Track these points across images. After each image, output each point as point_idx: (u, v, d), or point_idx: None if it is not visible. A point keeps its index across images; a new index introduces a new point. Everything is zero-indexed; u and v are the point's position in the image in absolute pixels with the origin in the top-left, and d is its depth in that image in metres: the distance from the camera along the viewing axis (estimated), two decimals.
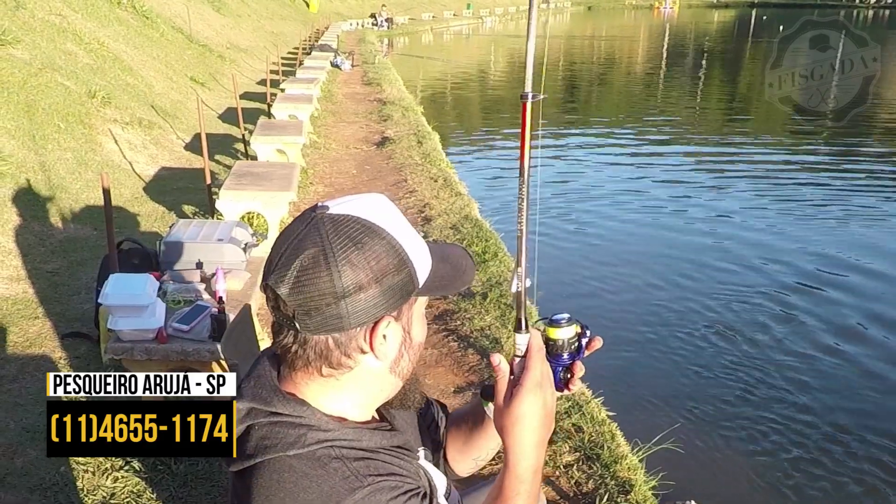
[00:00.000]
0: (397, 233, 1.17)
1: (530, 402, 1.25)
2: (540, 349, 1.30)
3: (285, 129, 9.57)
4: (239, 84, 11.92)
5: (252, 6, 29.92)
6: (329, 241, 1.12)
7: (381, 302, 1.15)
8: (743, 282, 7.60)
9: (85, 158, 8.31)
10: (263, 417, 1.18)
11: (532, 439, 1.26)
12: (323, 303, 1.12)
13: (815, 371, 5.88)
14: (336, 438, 1.17)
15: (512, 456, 1.27)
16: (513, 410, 1.26)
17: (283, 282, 1.12)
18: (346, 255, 1.11)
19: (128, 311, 3.51)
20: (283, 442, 1.15)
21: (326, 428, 1.17)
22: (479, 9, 63.13)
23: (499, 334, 5.21)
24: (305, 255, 1.12)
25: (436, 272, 1.24)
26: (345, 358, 1.18)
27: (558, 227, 9.22)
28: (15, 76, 8.71)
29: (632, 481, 3.77)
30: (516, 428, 1.26)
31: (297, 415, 1.17)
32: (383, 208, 1.20)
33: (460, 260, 1.32)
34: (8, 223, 6.29)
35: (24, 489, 3.43)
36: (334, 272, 1.10)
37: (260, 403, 1.19)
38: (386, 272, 1.14)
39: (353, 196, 1.21)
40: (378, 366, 1.22)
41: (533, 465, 1.27)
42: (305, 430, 1.16)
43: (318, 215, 1.16)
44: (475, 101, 22.92)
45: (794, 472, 4.68)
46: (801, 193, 11.29)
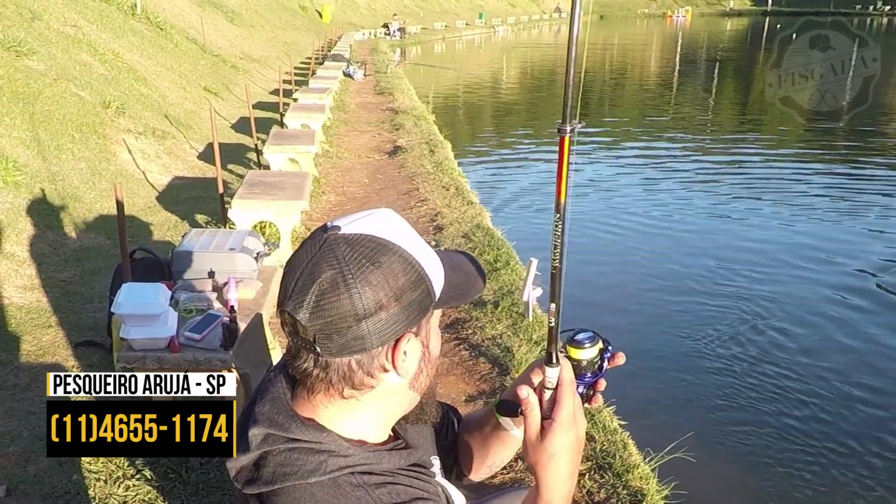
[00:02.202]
0: (411, 248, 1.16)
1: (564, 437, 1.25)
2: (571, 383, 1.29)
3: (298, 139, 9.61)
4: (252, 94, 11.98)
5: (265, 16, 30.08)
6: (346, 263, 1.10)
7: (402, 319, 1.14)
8: (759, 291, 7.55)
9: (99, 168, 8.36)
10: (281, 444, 1.17)
11: (566, 472, 1.26)
12: (344, 325, 1.10)
13: (833, 382, 5.80)
14: (356, 464, 1.16)
15: (545, 490, 1.27)
16: (547, 447, 1.26)
17: (302, 307, 1.11)
18: (365, 276, 1.10)
19: (140, 319, 3.53)
20: (302, 469, 1.13)
21: (346, 453, 1.16)
22: (491, 18, 63.25)
23: (510, 343, 5.20)
24: (323, 278, 1.10)
25: (450, 282, 1.23)
26: (367, 378, 1.17)
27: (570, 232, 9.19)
28: (30, 87, 8.78)
29: (644, 490, 3.75)
30: (551, 463, 1.26)
31: (317, 441, 1.16)
32: (394, 224, 1.19)
33: (468, 267, 1.32)
34: (22, 232, 6.34)
35: (37, 497, 3.44)
36: (354, 294, 1.09)
37: (277, 430, 1.17)
38: (405, 289, 1.13)
39: (363, 213, 1.19)
40: (399, 382, 1.21)
41: (566, 495, 1.27)
42: (326, 456, 1.15)
43: (331, 236, 1.14)
44: (487, 110, 22.95)
45: (808, 485, 4.64)
46: (813, 198, 11.26)
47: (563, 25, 73.01)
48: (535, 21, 74.21)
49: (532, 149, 16.02)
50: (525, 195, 11.68)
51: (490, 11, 65.72)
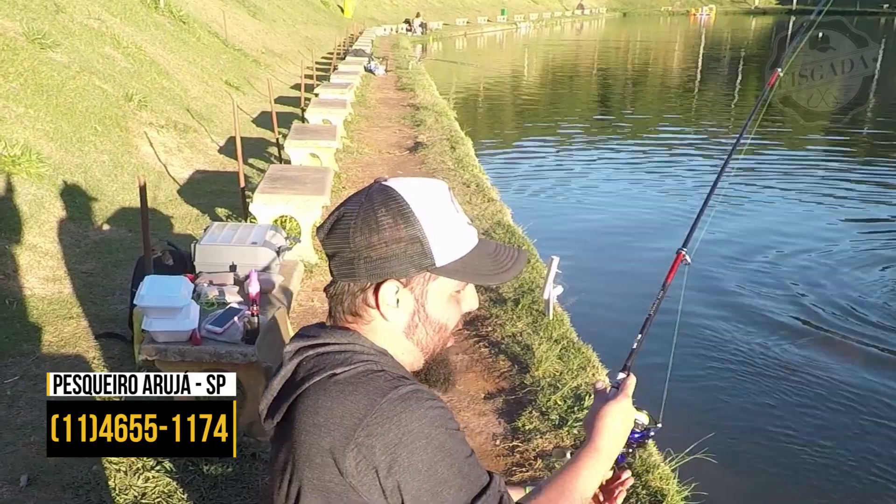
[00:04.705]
0: (426, 213, 1.28)
1: (620, 405, 1.50)
2: (632, 385, 1.57)
3: (319, 134, 9.61)
4: (273, 88, 11.99)
5: (287, 11, 30.13)
6: (365, 204, 1.28)
7: (387, 264, 1.27)
8: (783, 291, 7.49)
9: (121, 161, 8.40)
10: (311, 351, 1.29)
11: (613, 427, 1.47)
12: (344, 250, 1.28)
13: (864, 390, 5.71)
14: (380, 361, 1.27)
15: (596, 434, 1.45)
16: (605, 408, 1.49)
17: (323, 228, 1.32)
18: (370, 217, 1.26)
19: (163, 312, 3.53)
20: (330, 364, 1.25)
21: (370, 352, 1.29)
22: (513, 14, 63.06)
23: (530, 341, 5.18)
24: (344, 209, 1.30)
25: (469, 262, 1.33)
26: (359, 308, 1.32)
27: (585, 225, 9.16)
28: (54, 79, 8.83)
29: (664, 491, 3.73)
30: (605, 419, 1.47)
31: (346, 341, 1.29)
32: (426, 192, 1.31)
33: (509, 263, 1.40)
34: (45, 224, 6.37)
35: (57, 487, 3.46)
36: (354, 227, 1.27)
37: (307, 341, 1.31)
38: (398, 240, 1.26)
39: (415, 178, 1.34)
40: (389, 326, 1.32)
41: (608, 446, 1.45)
42: (351, 354, 1.27)
43: (376, 184, 1.32)
44: (508, 107, 22.90)
45: (830, 489, 4.59)
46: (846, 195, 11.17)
47: (585, 22, 72.82)
48: (557, 18, 73.87)
49: (553, 146, 15.98)
50: (546, 193, 11.64)
51: (512, 8, 65.44)
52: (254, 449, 3.76)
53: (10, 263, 5.66)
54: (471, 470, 1.21)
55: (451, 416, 1.24)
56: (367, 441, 1.15)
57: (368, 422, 1.16)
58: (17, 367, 4.48)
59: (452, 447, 1.20)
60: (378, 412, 1.16)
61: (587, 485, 1.38)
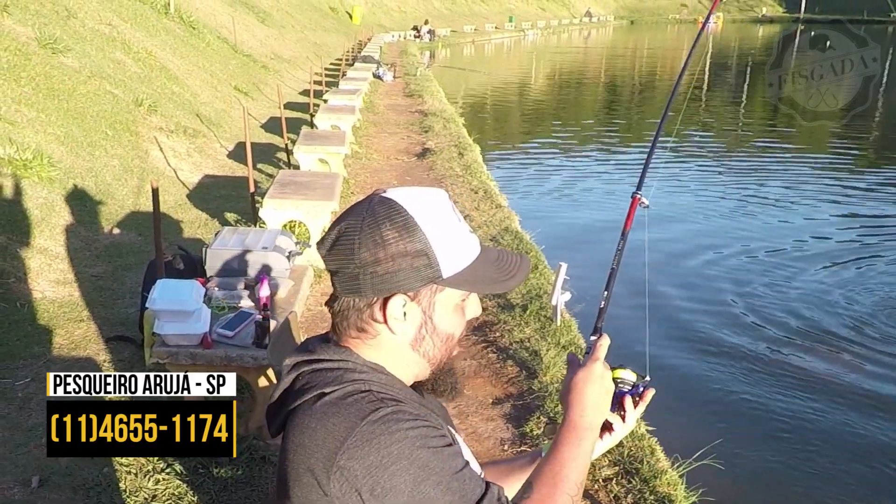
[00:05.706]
0: (430, 224, 1.27)
1: (588, 371, 1.45)
2: (604, 346, 1.50)
3: (328, 139, 9.65)
4: (282, 94, 12.03)
5: (296, 17, 30.23)
6: (367, 217, 1.26)
7: (394, 278, 1.26)
8: (794, 296, 7.48)
9: (131, 165, 8.44)
10: (307, 366, 1.30)
11: (587, 396, 1.42)
12: (347, 266, 1.27)
13: (872, 396, 5.68)
14: (371, 380, 1.27)
15: (570, 409, 1.42)
16: (575, 379, 1.45)
17: (324, 243, 1.31)
18: (374, 231, 1.25)
19: (174, 315, 3.56)
20: (321, 383, 1.26)
21: (362, 370, 1.28)
22: (520, 22, 63.06)
23: (538, 347, 5.19)
24: (346, 223, 1.28)
25: (474, 271, 1.33)
26: (365, 324, 1.31)
27: (598, 224, 9.16)
28: (65, 84, 8.88)
29: (671, 497, 3.73)
30: (576, 389, 1.43)
31: (338, 358, 1.29)
32: (428, 201, 1.31)
33: (514, 270, 1.40)
34: (55, 227, 6.41)
35: (68, 489, 3.48)
36: (358, 242, 1.25)
37: (305, 355, 1.32)
38: (403, 254, 1.25)
39: (416, 187, 1.33)
40: (397, 340, 1.32)
41: (588, 417, 1.41)
42: (342, 372, 1.27)
43: (375, 196, 1.31)
44: (516, 113, 22.92)
45: (839, 496, 4.58)
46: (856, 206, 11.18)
47: (592, 30, 72.81)
48: (564, 25, 73.77)
49: (561, 153, 15.98)
50: (554, 199, 11.64)
51: (520, 15, 65.43)
52: (263, 452, 3.78)
53: (21, 266, 5.70)
54: (461, 485, 1.21)
55: (438, 433, 1.23)
56: (349, 464, 1.17)
57: (349, 444, 1.17)
58: (28, 370, 4.50)
59: (437, 465, 1.19)
60: (357, 435, 1.17)
61: (576, 466, 1.36)
